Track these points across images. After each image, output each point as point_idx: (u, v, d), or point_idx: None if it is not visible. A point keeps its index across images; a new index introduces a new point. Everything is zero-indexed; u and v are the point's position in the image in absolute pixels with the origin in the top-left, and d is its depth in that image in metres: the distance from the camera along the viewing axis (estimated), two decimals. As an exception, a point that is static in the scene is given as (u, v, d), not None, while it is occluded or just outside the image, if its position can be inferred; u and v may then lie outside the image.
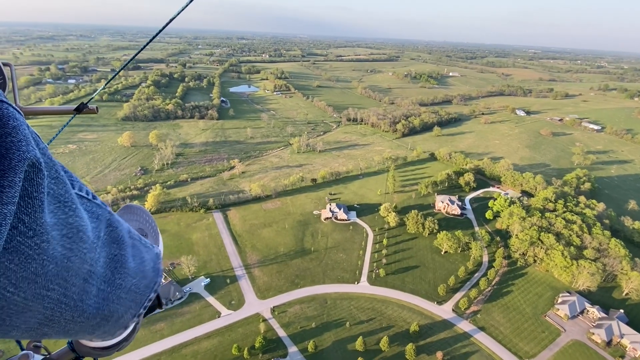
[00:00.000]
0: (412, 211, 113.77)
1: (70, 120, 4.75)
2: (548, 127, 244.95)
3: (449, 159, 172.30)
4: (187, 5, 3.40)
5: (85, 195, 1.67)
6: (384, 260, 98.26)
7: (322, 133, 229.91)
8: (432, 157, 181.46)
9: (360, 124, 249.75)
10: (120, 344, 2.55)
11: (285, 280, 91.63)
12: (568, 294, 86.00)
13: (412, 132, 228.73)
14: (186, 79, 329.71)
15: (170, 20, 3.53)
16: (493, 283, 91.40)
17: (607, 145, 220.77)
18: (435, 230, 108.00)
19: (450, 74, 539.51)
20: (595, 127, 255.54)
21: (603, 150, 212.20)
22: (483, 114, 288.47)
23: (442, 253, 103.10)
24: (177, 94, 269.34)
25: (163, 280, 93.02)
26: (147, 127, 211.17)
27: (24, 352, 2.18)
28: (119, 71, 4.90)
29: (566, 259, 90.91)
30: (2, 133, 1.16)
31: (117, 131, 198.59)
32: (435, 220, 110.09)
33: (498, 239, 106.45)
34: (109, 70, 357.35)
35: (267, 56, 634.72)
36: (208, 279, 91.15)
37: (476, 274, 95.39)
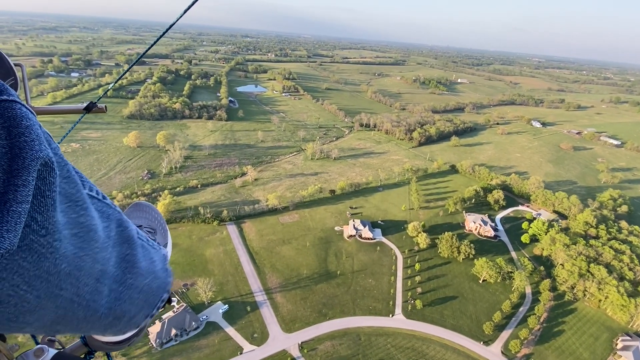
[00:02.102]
0: (446, 233, 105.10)
1: (80, 120, 4.80)
2: (567, 141, 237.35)
3: (472, 172, 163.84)
4: (194, 2, 3.43)
5: (96, 196, 1.68)
6: (419, 289, 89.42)
7: (334, 138, 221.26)
8: (453, 170, 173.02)
9: (374, 130, 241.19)
10: (131, 339, 2.63)
11: (311, 310, 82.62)
12: (629, 338, 77.68)
13: (429, 141, 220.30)
14: (192, 77, 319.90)
15: (179, 18, 3.60)
16: (542, 320, 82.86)
17: (630, 162, 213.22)
18: (471, 256, 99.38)
19: (459, 80, 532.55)
20: (615, 142, 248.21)
21: (626, 167, 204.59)
22: (498, 123, 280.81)
23: (480, 282, 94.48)
24: (184, 92, 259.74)
25: (176, 306, 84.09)
26: (154, 126, 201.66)
27: (39, 346, 2.24)
28: (128, 70, 4.81)
29: (623, 297, 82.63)
30: (15, 133, 1.17)
31: (122, 130, 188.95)
32: (472, 245, 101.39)
33: (542, 268, 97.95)
34: (113, 64, 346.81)
35: (273, 55, 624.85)
36: (226, 306, 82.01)
37: (521, 308, 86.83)
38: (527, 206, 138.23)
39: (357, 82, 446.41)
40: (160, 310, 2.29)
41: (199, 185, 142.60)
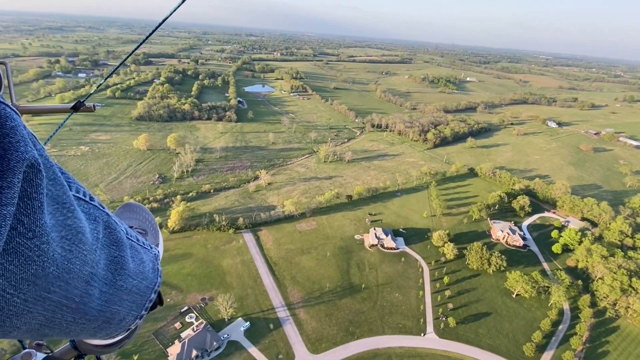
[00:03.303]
0: (475, 243, 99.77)
1: (67, 119, 4.73)
2: (586, 142, 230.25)
3: (493, 176, 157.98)
4: (182, 2, 3.42)
5: (83, 197, 1.67)
6: (450, 305, 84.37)
7: (346, 140, 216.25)
8: (472, 173, 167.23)
9: (386, 130, 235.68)
10: (121, 342, 2.61)
11: (338, 328, 77.91)
12: (682, 361, 72.36)
13: (444, 142, 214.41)
14: (200, 77, 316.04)
15: (167, 17, 3.55)
16: (584, 339, 77.51)
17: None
18: (502, 268, 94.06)
19: (468, 79, 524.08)
20: (635, 143, 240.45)
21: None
22: (512, 124, 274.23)
23: (514, 296, 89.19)
24: (192, 93, 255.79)
25: (195, 322, 79.81)
26: (163, 128, 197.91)
27: (27, 350, 2.21)
28: (117, 68, 4.87)
29: (671, 315, 77.21)
30: (0, 134, 1.14)
31: (131, 132, 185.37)
32: (503, 257, 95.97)
33: (580, 282, 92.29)
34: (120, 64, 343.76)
35: (279, 54, 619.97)
36: (247, 323, 77.50)
37: (560, 326, 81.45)
38: (554, 212, 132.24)
39: (365, 81, 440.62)
40: (149, 311, 2.29)
41: (211, 190, 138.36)
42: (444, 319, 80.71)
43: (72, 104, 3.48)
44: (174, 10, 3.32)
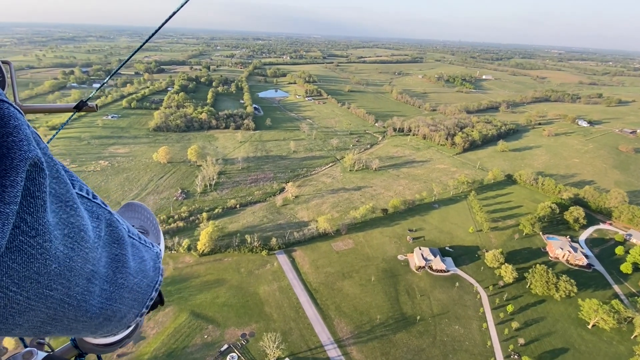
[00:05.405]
0: (538, 266, 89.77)
1: (70, 119, 4.75)
2: (624, 142, 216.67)
3: (535, 183, 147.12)
4: (184, 4, 3.42)
5: (86, 195, 1.67)
6: (521, 340, 74.80)
7: (369, 146, 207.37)
8: (510, 180, 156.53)
9: (409, 135, 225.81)
10: (122, 341, 2.63)
11: (398, 370, 69.15)
12: None
13: (473, 146, 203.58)
14: (214, 84, 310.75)
15: (169, 19, 3.54)
16: (684, 382, 67.33)
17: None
18: (572, 294, 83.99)
19: (484, 77, 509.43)
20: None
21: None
22: (540, 124, 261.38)
23: (590, 327, 79.12)
24: (208, 101, 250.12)
25: (238, 365, 71.87)
26: (181, 138, 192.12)
27: (28, 349, 2.21)
28: (115, 72, 5.06)
29: None
30: (3, 133, 1.15)
31: (149, 144, 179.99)
32: (573, 281, 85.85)
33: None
34: (133, 73, 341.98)
35: (288, 57, 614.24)
36: (296, 365, 69.40)
37: (651, 365, 71.30)
38: (610, 224, 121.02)
39: (378, 82, 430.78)
40: (150, 310, 2.30)
41: (237, 205, 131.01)
42: (516, 357, 71.26)
43: (75, 104, 3.43)
44: (181, 7, 3.33)
